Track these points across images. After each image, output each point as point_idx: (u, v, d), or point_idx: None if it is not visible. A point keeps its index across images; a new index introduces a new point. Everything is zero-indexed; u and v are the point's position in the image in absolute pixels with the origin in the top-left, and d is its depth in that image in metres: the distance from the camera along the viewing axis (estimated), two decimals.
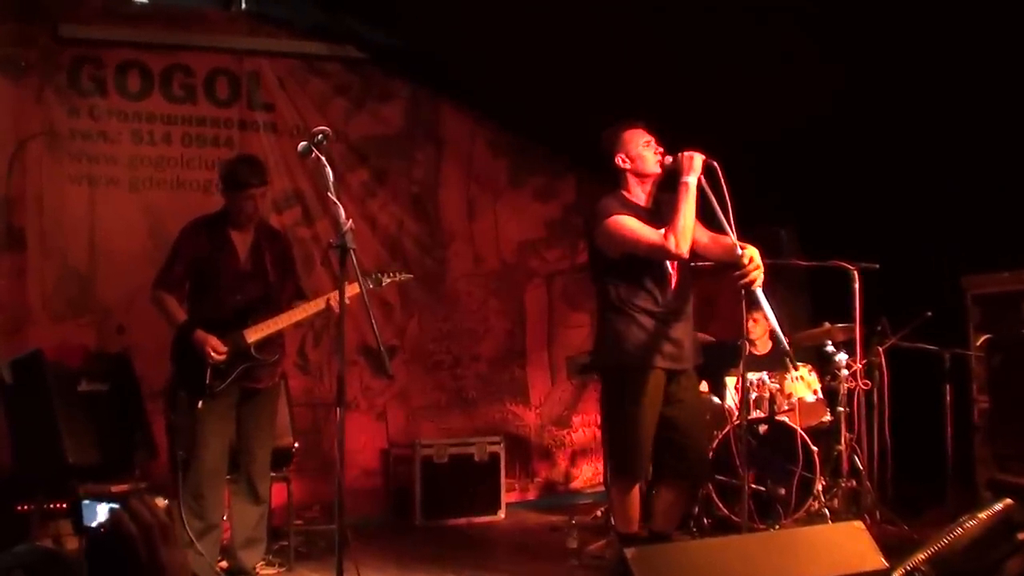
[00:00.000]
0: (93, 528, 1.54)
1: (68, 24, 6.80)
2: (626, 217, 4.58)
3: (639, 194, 4.73)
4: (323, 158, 3.96)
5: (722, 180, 4.33)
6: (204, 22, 7.26)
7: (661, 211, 4.60)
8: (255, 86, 7.27)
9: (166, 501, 1.43)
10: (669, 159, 4.59)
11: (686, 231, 4.45)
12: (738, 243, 4.36)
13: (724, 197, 4.30)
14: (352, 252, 3.89)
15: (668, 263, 4.63)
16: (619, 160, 4.71)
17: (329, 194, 3.91)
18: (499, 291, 7.99)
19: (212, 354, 4.94)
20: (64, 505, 5.37)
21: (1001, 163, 6.01)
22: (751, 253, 4.38)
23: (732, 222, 4.32)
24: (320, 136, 3.99)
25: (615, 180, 4.77)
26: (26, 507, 5.34)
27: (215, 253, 5.16)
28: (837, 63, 5.80)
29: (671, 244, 4.45)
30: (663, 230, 4.49)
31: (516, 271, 8.06)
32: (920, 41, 5.42)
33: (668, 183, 4.61)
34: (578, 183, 8.13)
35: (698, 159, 4.44)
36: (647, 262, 4.60)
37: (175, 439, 5.41)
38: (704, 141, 4.59)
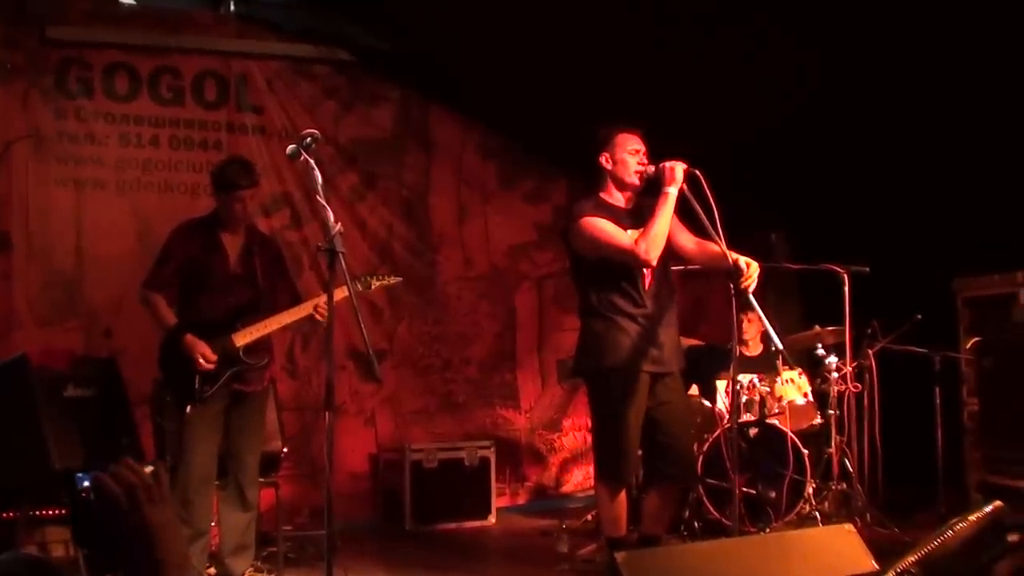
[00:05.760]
0: (76, 493, 1.54)
1: (55, 26, 6.78)
2: (599, 219, 4.60)
3: (618, 197, 4.75)
4: (312, 161, 3.94)
5: (706, 188, 4.34)
6: (192, 24, 7.24)
7: (643, 214, 4.61)
8: (243, 88, 7.26)
9: (151, 467, 1.43)
10: (651, 169, 4.60)
11: (657, 239, 4.48)
12: (728, 251, 4.36)
13: (710, 205, 4.31)
14: (341, 256, 3.88)
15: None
16: (603, 159, 4.74)
17: (318, 197, 3.90)
18: (489, 294, 7.99)
19: (202, 362, 4.92)
20: (50, 512, 5.35)
21: (992, 165, 6.04)
22: (748, 259, 4.39)
23: (720, 229, 4.33)
24: (309, 139, 3.97)
25: (596, 178, 4.80)
26: (11, 514, 5.32)
27: (206, 255, 5.14)
28: (825, 65, 5.82)
29: (640, 250, 4.47)
30: (636, 236, 4.52)
31: (506, 274, 8.06)
32: (908, 43, 5.44)
33: (653, 189, 4.62)
34: (568, 186, 8.13)
35: (679, 169, 4.46)
36: (621, 265, 4.61)
37: (163, 445, 5.39)
38: (692, 146, 4.60)
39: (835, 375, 6.29)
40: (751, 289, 4.36)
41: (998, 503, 2.87)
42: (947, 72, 5.55)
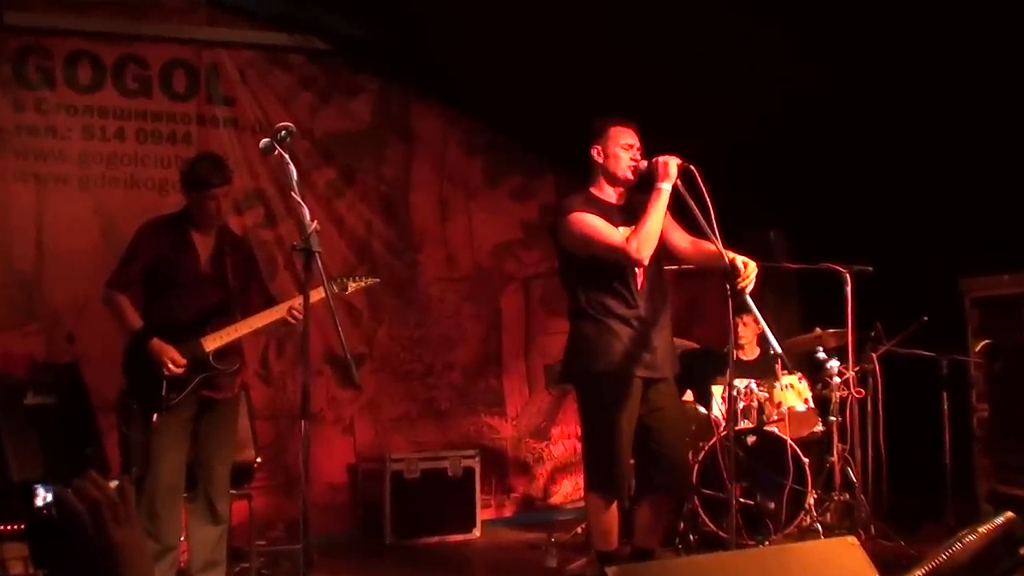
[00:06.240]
0: (36, 510, 1.52)
1: (13, 11, 6.73)
2: (589, 215, 4.60)
3: (609, 192, 4.75)
4: (287, 156, 3.92)
5: (701, 184, 4.34)
6: (160, 10, 7.20)
7: (635, 211, 4.62)
8: (214, 79, 7.23)
9: (116, 482, 1.42)
10: (644, 163, 4.60)
11: (649, 237, 4.48)
12: (724, 250, 4.35)
13: (705, 202, 4.31)
14: (317, 255, 3.86)
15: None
16: (595, 151, 4.75)
17: (293, 194, 3.88)
18: (473, 296, 7.97)
19: (170, 366, 4.89)
20: (8, 527, 5.31)
21: (1000, 159, 6.05)
22: (745, 259, 4.39)
23: (715, 227, 4.32)
24: (284, 132, 3.96)
25: (587, 172, 4.80)
26: None
27: (175, 254, 5.12)
28: (827, 56, 5.82)
29: (632, 248, 4.47)
30: (627, 233, 4.52)
31: (491, 275, 8.05)
32: (912, 35, 5.45)
33: (646, 185, 4.62)
34: (556, 182, 8.12)
35: (673, 164, 4.46)
36: (612, 265, 4.61)
37: (128, 455, 5.37)
38: (687, 141, 4.61)
39: (837, 380, 6.29)
40: (748, 290, 4.35)
41: (1010, 514, 2.86)
42: (953, 62, 5.56)
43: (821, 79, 5.96)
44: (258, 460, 6.05)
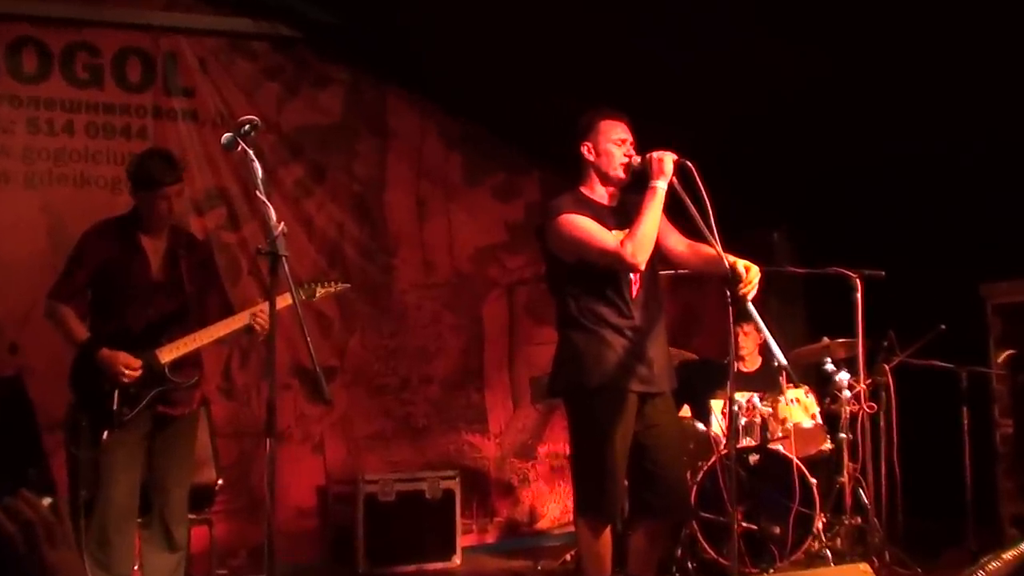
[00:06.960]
0: None
1: None
2: (580, 216, 4.58)
3: (601, 193, 4.73)
4: (251, 152, 3.90)
5: (699, 182, 4.32)
6: None
7: (628, 212, 4.59)
8: (172, 68, 7.20)
9: (50, 499, 1.43)
10: (637, 159, 4.58)
11: (645, 240, 4.46)
12: (724, 253, 4.33)
13: (703, 201, 4.29)
14: (284, 259, 3.84)
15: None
16: (585, 149, 4.72)
17: (258, 193, 3.86)
18: (453, 303, 7.95)
19: (124, 371, 4.86)
20: None
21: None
22: (747, 263, 4.37)
23: (714, 228, 4.30)
24: (247, 126, 3.93)
25: (577, 171, 4.77)
26: None
27: (124, 260, 5.10)
28: (834, 44, 5.82)
29: (626, 252, 4.44)
30: (621, 236, 4.50)
31: (473, 280, 8.03)
32: (925, 20, 5.45)
33: (639, 184, 4.60)
34: (542, 180, 8.12)
35: (668, 160, 4.44)
36: (605, 270, 4.58)
37: (77, 477, 5.31)
38: (683, 134, 4.59)
39: (847, 394, 6.27)
40: (750, 296, 4.33)
41: None
42: (972, 51, 5.56)
43: (830, 67, 5.95)
44: (219, 482, 6.02)
